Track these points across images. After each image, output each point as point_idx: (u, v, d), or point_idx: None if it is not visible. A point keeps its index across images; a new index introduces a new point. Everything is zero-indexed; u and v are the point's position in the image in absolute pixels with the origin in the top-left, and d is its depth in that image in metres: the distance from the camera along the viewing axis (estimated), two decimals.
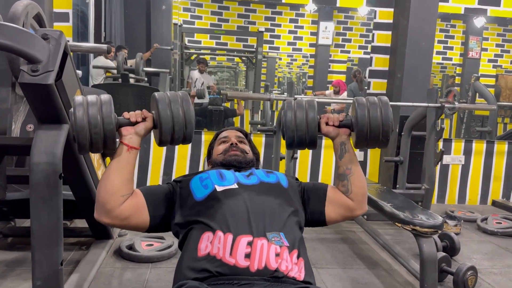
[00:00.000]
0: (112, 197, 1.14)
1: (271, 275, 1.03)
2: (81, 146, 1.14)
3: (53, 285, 1.52)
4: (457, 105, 3.08)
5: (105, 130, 1.12)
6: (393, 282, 2.29)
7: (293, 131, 1.26)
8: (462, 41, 7.21)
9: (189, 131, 1.20)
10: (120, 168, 1.16)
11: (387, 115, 1.25)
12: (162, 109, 1.17)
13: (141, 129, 1.19)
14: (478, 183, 4.03)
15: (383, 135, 1.26)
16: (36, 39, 1.40)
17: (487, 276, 2.41)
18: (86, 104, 1.13)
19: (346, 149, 1.29)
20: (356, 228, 3.13)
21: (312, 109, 1.29)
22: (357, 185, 1.27)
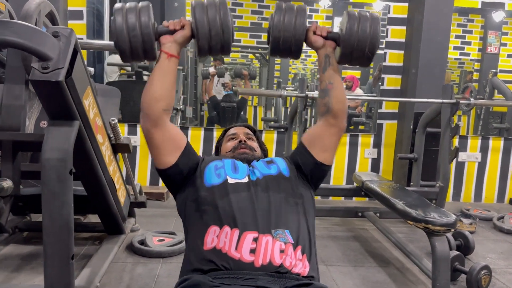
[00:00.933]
0: (154, 104, 1.17)
1: (275, 270, 1.03)
2: (121, 50, 1.18)
3: (64, 279, 1.54)
4: (472, 101, 3.02)
5: (143, 34, 1.15)
6: (405, 281, 2.26)
7: (279, 31, 1.23)
8: (481, 36, 7.06)
9: (226, 37, 1.19)
10: (162, 76, 1.19)
11: (376, 30, 1.23)
12: (198, 15, 1.17)
13: (179, 37, 1.20)
14: (495, 180, 3.95)
15: (369, 49, 1.23)
16: (46, 37, 1.42)
17: (502, 276, 2.36)
18: (125, 11, 1.17)
19: (330, 62, 1.26)
20: (369, 225, 3.11)
21: (303, 14, 1.25)
22: (337, 99, 1.25)
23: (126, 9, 1.17)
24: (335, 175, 3.84)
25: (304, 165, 1.31)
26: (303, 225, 1.16)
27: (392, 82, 3.79)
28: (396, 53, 3.76)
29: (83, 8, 3.40)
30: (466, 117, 5.95)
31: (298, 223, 1.16)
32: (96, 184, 1.96)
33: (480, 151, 3.88)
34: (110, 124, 2.03)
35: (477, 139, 3.89)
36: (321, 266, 2.37)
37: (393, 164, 3.86)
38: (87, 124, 1.69)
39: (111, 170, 2.08)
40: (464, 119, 6.07)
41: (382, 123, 3.83)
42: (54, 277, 1.55)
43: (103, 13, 6.42)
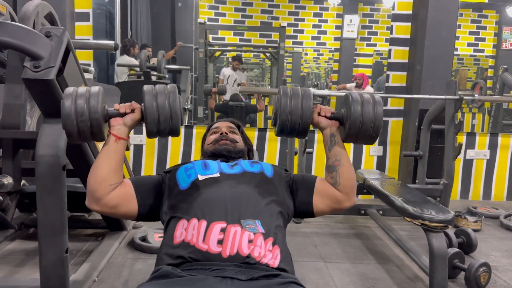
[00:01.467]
0: (100, 185, 1.18)
1: (242, 261, 1.04)
2: (68, 133, 1.19)
3: (59, 271, 1.59)
4: (476, 97, 2.97)
5: (91, 119, 1.16)
6: (403, 278, 2.25)
7: (287, 115, 1.26)
8: (495, 32, 6.92)
9: (174, 122, 1.22)
10: (109, 157, 1.20)
11: (379, 113, 1.26)
12: (147, 101, 1.20)
13: (128, 120, 1.22)
14: (505, 178, 3.87)
15: (373, 131, 1.26)
16: (38, 37, 1.47)
17: (504, 274, 2.33)
18: (75, 95, 1.18)
19: (336, 140, 1.29)
20: (371, 223, 3.09)
21: (308, 98, 1.29)
22: (345, 177, 1.27)
23: (76, 94, 1.18)
24: None
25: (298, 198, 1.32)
26: (277, 219, 1.17)
27: (397, 79, 3.76)
28: (401, 49, 3.73)
29: (89, 10, 3.46)
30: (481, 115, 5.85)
31: (271, 215, 1.17)
32: None
33: (489, 148, 3.81)
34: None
35: (485, 137, 3.82)
36: (320, 263, 2.38)
37: (399, 162, 3.82)
38: None
39: None
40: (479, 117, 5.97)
41: (387, 121, 3.80)
42: (49, 270, 1.60)
43: (115, 15, 6.52)
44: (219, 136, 1.48)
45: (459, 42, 7.11)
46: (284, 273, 1.06)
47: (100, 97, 1.19)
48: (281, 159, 3.71)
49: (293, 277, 1.06)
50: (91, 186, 1.19)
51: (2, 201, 2.21)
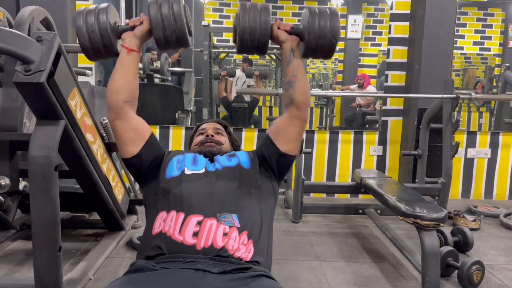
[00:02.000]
0: (117, 96, 1.25)
1: (216, 253, 1.07)
2: (83, 47, 1.30)
3: (52, 269, 1.63)
4: (473, 95, 2.97)
5: (100, 29, 1.26)
6: (396, 276, 2.26)
7: (245, 28, 1.29)
8: (501, 30, 6.86)
9: (179, 26, 1.27)
10: (122, 69, 1.26)
11: (335, 24, 1.30)
12: (152, 9, 1.27)
13: (138, 31, 1.29)
14: (507, 177, 3.85)
15: (330, 43, 1.31)
16: (29, 41, 1.51)
17: (499, 272, 2.32)
18: (85, 12, 1.29)
19: (294, 55, 1.31)
20: (369, 223, 3.10)
21: (267, 12, 1.32)
22: (300, 91, 1.29)
23: (86, 11, 1.28)
24: (340, 172, 3.83)
25: (269, 156, 1.35)
26: (255, 213, 1.20)
27: (396, 78, 3.77)
28: (399, 49, 3.74)
29: None
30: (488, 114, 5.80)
31: (249, 210, 1.20)
32: (89, 181, 2.05)
33: (490, 146, 3.79)
34: (102, 124, 2.12)
35: (486, 135, 3.80)
36: (315, 261, 2.39)
37: (399, 162, 3.82)
38: (74, 123, 1.78)
39: (105, 168, 2.17)
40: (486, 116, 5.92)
41: (387, 120, 3.80)
42: (43, 268, 1.64)
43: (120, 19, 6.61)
44: (204, 138, 1.51)
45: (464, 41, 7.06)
46: (256, 266, 1.09)
47: (108, 11, 1.29)
48: None
49: (264, 270, 1.08)
50: (108, 97, 1.27)
51: (4, 202, 2.27)
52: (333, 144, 3.79)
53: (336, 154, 3.82)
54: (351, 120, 5.40)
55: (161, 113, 4.80)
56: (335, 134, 3.81)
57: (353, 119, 5.33)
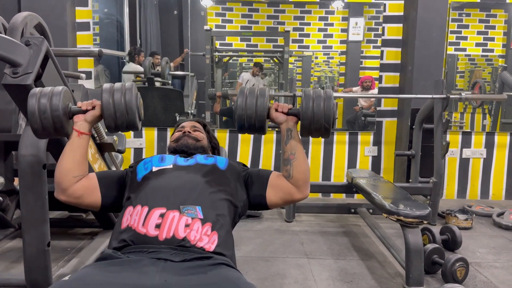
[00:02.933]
0: (65, 177, 1.28)
1: (178, 244, 1.12)
2: (33, 129, 1.31)
3: (41, 264, 1.70)
4: (463, 95, 2.99)
5: (53, 116, 1.27)
6: (383, 273, 2.29)
7: (243, 110, 1.34)
8: (504, 31, 6.85)
9: (131, 117, 1.31)
10: (72, 151, 1.30)
11: (329, 106, 1.34)
12: (104, 98, 1.31)
13: (89, 116, 1.32)
14: (502, 177, 3.85)
15: (325, 122, 1.33)
16: (17, 46, 1.59)
17: (486, 270, 2.34)
18: (39, 94, 1.30)
19: (292, 135, 1.36)
20: (362, 222, 3.13)
21: (262, 96, 1.37)
22: (298, 170, 1.33)
23: (40, 93, 1.30)
24: (335, 173, 3.87)
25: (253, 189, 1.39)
26: (222, 207, 1.25)
27: (390, 80, 3.80)
28: (393, 51, 3.78)
29: (89, 20, 3.64)
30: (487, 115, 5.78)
31: (215, 203, 1.25)
32: None
33: (485, 147, 3.80)
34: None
35: (481, 136, 3.81)
36: (303, 259, 2.44)
37: (394, 161, 3.84)
38: None
39: (96, 167, 2.23)
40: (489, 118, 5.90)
41: (381, 121, 3.83)
42: (32, 262, 1.71)
43: (124, 24, 6.74)
44: (182, 134, 1.56)
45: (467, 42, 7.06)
46: (218, 256, 1.13)
47: (61, 96, 1.30)
48: (277, 160, 3.78)
49: (225, 260, 1.13)
50: (57, 178, 1.29)
51: (2, 201, 2.36)
52: (328, 145, 3.83)
53: (331, 154, 3.86)
54: (352, 122, 5.42)
55: (162, 116, 4.88)
56: (330, 135, 3.85)
57: (355, 121, 5.37)
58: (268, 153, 3.82)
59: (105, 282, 0.98)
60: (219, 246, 1.15)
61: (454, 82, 4.63)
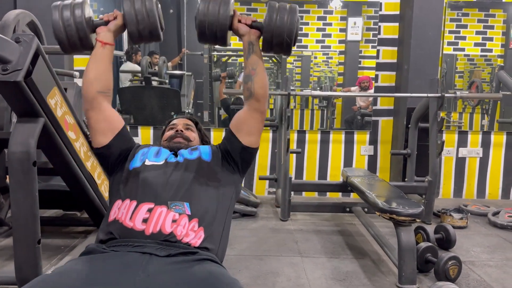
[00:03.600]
0: (90, 86, 1.32)
1: (164, 238, 1.12)
2: (59, 40, 1.34)
3: (31, 261, 1.70)
4: (458, 94, 2.99)
5: (76, 23, 1.31)
6: (375, 271, 2.29)
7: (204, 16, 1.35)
8: (503, 31, 6.85)
9: (152, 20, 1.34)
10: (96, 62, 1.33)
11: (292, 19, 1.33)
12: (126, 5, 1.34)
13: (112, 26, 1.36)
14: (499, 176, 3.84)
15: (287, 36, 1.34)
16: (7, 43, 1.58)
17: (479, 268, 2.34)
18: (61, 6, 1.34)
19: (254, 49, 1.36)
20: (357, 221, 3.12)
21: (226, 4, 1.36)
22: (259, 85, 1.35)
23: (62, 5, 1.34)
24: (331, 172, 3.86)
25: (232, 150, 1.40)
26: (210, 202, 1.25)
27: (386, 79, 3.80)
28: (389, 50, 3.78)
29: None
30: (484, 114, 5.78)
31: (204, 199, 1.25)
32: (73, 178, 2.12)
33: (482, 146, 3.80)
34: (85, 123, 2.19)
35: (477, 135, 3.81)
36: (296, 257, 2.43)
37: (390, 160, 3.84)
38: (55, 121, 1.85)
39: (89, 165, 2.23)
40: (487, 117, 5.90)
41: (377, 120, 3.83)
42: (22, 259, 1.70)
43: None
44: (174, 133, 1.56)
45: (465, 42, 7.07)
46: (204, 251, 1.13)
47: (83, 6, 1.34)
48: (272, 159, 3.78)
49: (211, 256, 1.13)
50: (84, 89, 1.33)
51: None
52: (324, 144, 3.83)
53: (328, 153, 3.86)
54: (351, 122, 5.43)
55: (159, 115, 4.89)
56: (326, 134, 3.85)
57: (353, 121, 5.37)
58: (264, 151, 3.81)
59: (88, 276, 0.98)
60: (205, 241, 1.16)
61: (453, 82, 4.63)
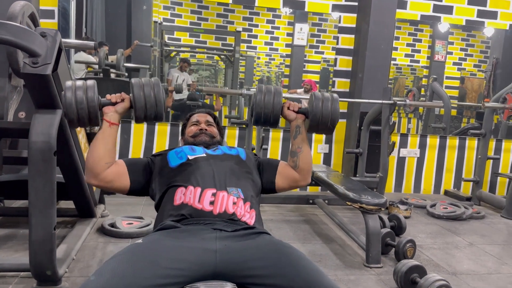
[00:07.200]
0: (98, 164, 1.41)
1: (228, 217, 1.33)
2: (69, 120, 1.41)
3: (47, 246, 1.78)
4: (407, 102, 3.45)
5: (89, 107, 1.39)
6: (344, 254, 2.62)
7: (261, 109, 1.55)
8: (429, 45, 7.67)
9: (159, 109, 1.48)
10: (104, 140, 1.43)
11: (336, 108, 1.56)
12: (136, 91, 1.45)
13: (120, 108, 1.45)
14: (432, 174, 4.43)
15: (331, 123, 1.56)
16: (36, 36, 1.66)
17: (426, 250, 2.78)
18: (74, 88, 1.40)
19: (300, 131, 1.58)
20: (318, 211, 3.47)
21: (279, 95, 1.58)
22: (304, 161, 1.57)
23: (75, 86, 1.40)
24: None
25: (264, 175, 1.60)
26: (251, 190, 1.47)
27: (341, 85, 4.20)
28: (345, 59, 4.17)
29: (55, 8, 3.60)
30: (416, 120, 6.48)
31: (248, 186, 1.47)
32: (73, 168, 2.19)
33: (419, 147, 4.34)
34: None
35: (416, 137, 4.35)
36: None
37: (342, 158, 4.25)
38: None
39: (86, 156, 2.31)
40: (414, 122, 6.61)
41: None
42: (38, 245, 1.78)
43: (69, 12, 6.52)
44: (198, 131, 1.73)
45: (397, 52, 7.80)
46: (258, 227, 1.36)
47: (95, 89, 1.42)
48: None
49: (265, 230, 1.36)
50: (90, 164, 1.42)
51: None
52: (286, 141, 4.13)
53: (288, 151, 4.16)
54: None
55: None
56: (288, 133, 4.16)
57: None
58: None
59: (175, 245, 1.17)
60: (256, 221, 1.39)
61: None
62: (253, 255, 1.19)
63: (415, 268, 2.13)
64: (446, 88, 5.70)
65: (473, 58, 6.79)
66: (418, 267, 2.14)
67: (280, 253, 1.21)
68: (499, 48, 6.02)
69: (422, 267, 2.14)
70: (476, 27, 5.27)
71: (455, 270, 2.48)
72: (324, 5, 4.25)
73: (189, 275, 1.13)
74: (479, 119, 5.60)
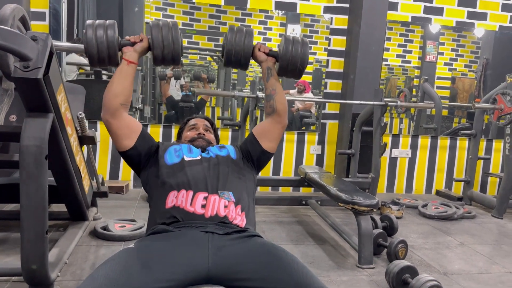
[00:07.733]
0: (113, 100, 1.45)
1: (220, 220, 1.35)
2: (90, 55, 1.47)
3: (39, 250, 1.77)
4: (399, 103, 3.48)
5: (108, 42, 1.45)
6: (337, 255, 2.64)
7: (232, 46, 1.56)
8: (421, 46, 7.74)
9: (176, 47, 1.51)
10: (122, 78, 1.47)
11: (305, 51, 1.60)
12: (154, 31, 1.49)
13: (139, 47, 1.51)
14: (424, 174, 4.47)
15: (300, 64, 1.60)
16: (27, 40, 1.65)
17: (418, 250, 2.80)
18: (95, 26, 1.47)
19: (272, 73, 1.61)
20: (311, 213, 3.49)
21: (250, 35, 1.60)
22: (280, 102, 1.60)
23: (96, 24, 1.47)
24: (284, 169, 4.20)
25: (252, 151, 1.62)
26: (243, 192, 1.48)
27: (334, 86, 4.22)
28: (337, 60, 4.20)
29: (46, 10, 3.58)
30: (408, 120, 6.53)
31: (240, 189, 1.48)
32: (65, 171, 2.18)
33: (411, 148, 4.38)
34: (78, 118, 2.26)
35: (407, 138, 4.39)
36: None
37: (335, 159, 4.28)
38: (59, 117, 1.93)
39: (78, 159, 2.30)
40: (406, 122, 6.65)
41: (325, 123, 4.24)
42: (30, 249, 1.77)
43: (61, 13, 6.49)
44: (196, 135, 1.75)
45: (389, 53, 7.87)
46: (249, 230, 1.38)
47: (115, 28, 1.48)
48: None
49: (256, 233, 1.38)
50: (107, 99, 1.46)
51: None
52: (280, 142, 4.15)
53: (281, 152, 4.19)
54: (290, 123, 5.83)
55: None
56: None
57: (292, 122, 5.78)
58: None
59: (167, 249, 1.17)
60: (247, 224, 1.40)
61: None
62: (245, 258, 1.21)
63: (407, 269, 2.15)
64: (438, 88, 5.75)
65: (464, 59, 6.85)
66: (410, 267, 2.16)
67: (272, 256, 1.23)
68: (489, 49, 6.08)
69: (413, 268, 2.16)
70: (467, 28, 5.32)
71: (447, 270, 2.51)
72: (315, 7, 4.27)
73: (182, 279, 1.14)
74: (470, 119, 5.66)
